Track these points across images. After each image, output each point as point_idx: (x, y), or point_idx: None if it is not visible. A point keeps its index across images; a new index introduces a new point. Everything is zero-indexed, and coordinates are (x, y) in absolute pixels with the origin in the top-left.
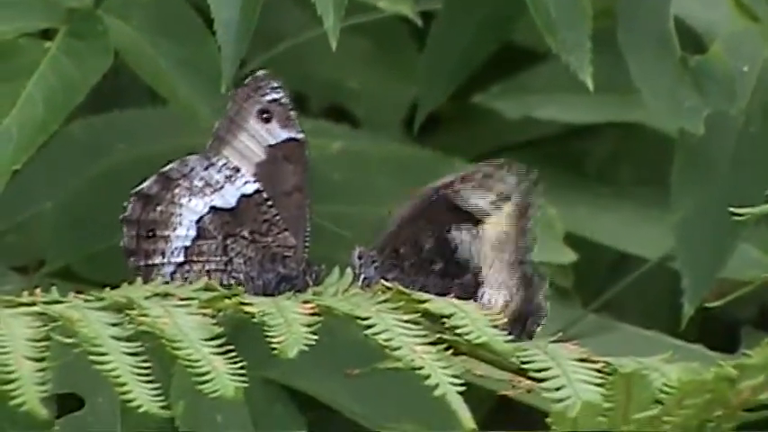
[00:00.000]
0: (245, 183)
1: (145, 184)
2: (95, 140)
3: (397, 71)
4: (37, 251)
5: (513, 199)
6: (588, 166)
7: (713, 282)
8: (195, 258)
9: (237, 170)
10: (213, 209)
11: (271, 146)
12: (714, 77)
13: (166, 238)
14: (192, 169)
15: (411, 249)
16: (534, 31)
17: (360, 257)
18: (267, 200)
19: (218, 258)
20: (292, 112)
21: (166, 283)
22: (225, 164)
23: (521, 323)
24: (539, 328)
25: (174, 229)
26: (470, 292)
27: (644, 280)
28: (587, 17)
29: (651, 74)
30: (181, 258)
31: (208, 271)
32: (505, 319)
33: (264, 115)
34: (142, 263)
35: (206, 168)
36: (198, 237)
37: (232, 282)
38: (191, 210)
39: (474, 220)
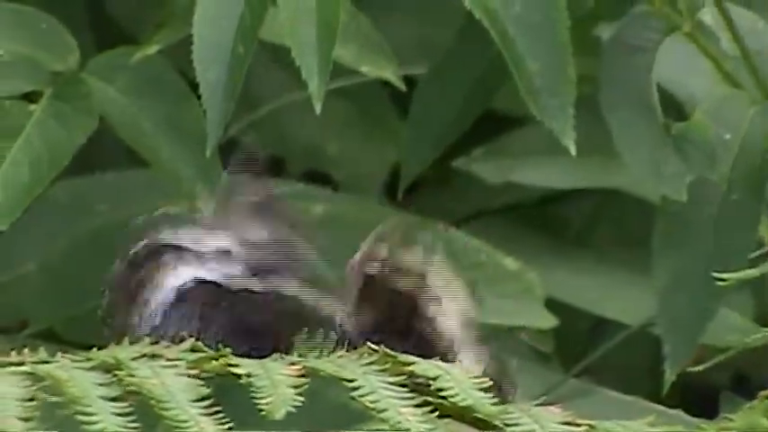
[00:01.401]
0: (234, 261)
1: (133, 249)
2: (78, 202)
3: (377, 134)
4: (20, 312)
5: (431, 270)
6: (568, 230)
7: (695, 348)
8: (170, 322)
9: (228, 251)
10: (197, 279)
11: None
12: (696, 144)
13: (146, 301)
14: (183, 239)
15: (388, 320)
16: (513, 95)
17: (341, 325)
18: (253, 276)
19: (192, 325)
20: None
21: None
22: (217, 241)
23: (496, 388)
24: (515, 394)
25: (155, 293)
26: (449, 359)
27: (624, 345)
28: (571, 84)
29: (633, 139)
30: (157, 321)
31: (181, 338)
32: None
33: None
34: (120, 323)
35: (198, 241)
36: (177, 301)
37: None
38: (174, 276)
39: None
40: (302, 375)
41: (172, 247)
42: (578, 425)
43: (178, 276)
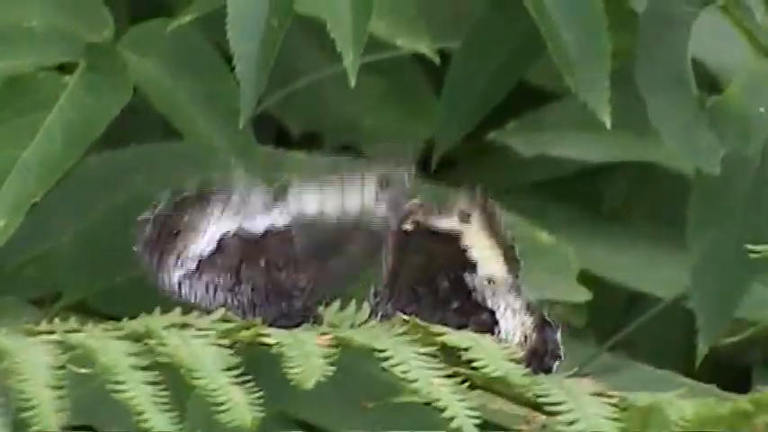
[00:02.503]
0: (279, 215)
1: (185, 187)
2: (112, 174)
3: (411, 109)
4: (53, 284)
5: (473, 215)
6: (602, 204)
7: (728, 322)
8: (207, 270)
9: (276, 200)
10: (240, 230)
11: (368, 211)
12: (730, 118)
13: (186, 243)
14: (233, 186)
15: (427, 288)
16: (547, 69)
17: (376, 295)
18: (293, 238)
19: (228, 277)
20: (405, 201)
21: (172, 286)
22: (266, 191)
23: (537, 360)
24: (556, 365)
25: (197, 237)
26: (487, 328)
27: (657, 319)
28: (606, 56)
29: (668, 113)
30: (193, 267)
31: (215, 286)
32: (522, 353)
33: (383, 183)
34: (156, 258)
35: (247, 189)
36: (216, 251)
37: (236, 304)
38: (218, 224)
39: (455, 241)
40: (333, 346)
41: (221, 193)
42: (610, 396)
43: (221, 225)
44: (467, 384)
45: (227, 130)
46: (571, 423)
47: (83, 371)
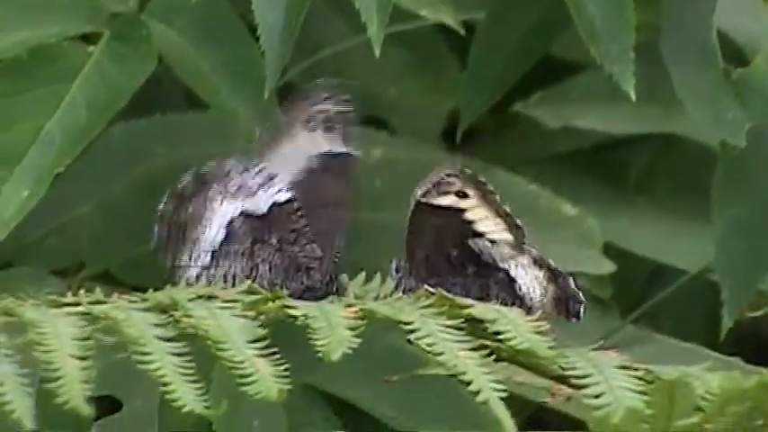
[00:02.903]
0: (279, 191)
1: (180, 184)
2: (136, 144)
3: (435, 81)
4: (77, 254)
5: (469, 192)
6: (627, 176)
7: (752, 294)
8: (221, 262)
9: (272, 178)
10: (244, 213)
11: (317, 156)
12: (756, 90)
13: (195, 240)
14: (227, 172)
15: (440, 257)
16: (572, 41)
17: (397, 270)
18: (298, 210)
19: (243, 263)
20: (351, 128)
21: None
22: (260, 170)
23: (563, 306)
24: (582, 308)
25: (204, 230)
26: (507, 285)
27: (682, 292)
28: (631, 28)
29: (693, 85)
30: (207, 261)
31: (233, 275)
32: (548, 309)
33: (327, 124)
34: (169, 263)
35: (242, 173)
36: (226, 240)
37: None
38: (221, 212)
39: (459, 213)
40: (359, 318)
41: (217, 178)
42: (636, 369)
43: (225, 213)
44: (492, 357)
45: (251, 100)
46: (597, 396)
47: (109, 341)
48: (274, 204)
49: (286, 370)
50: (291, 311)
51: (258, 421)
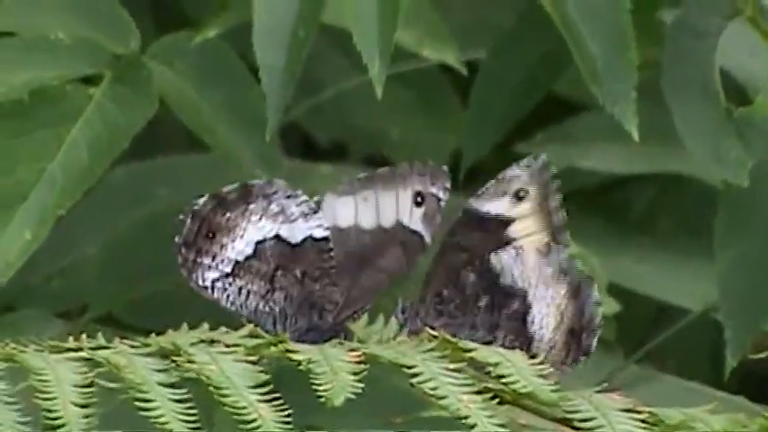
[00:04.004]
0: (318, 225)
1: (225, 189)
2: (138, 186)
3: (438, 120)
4: (80, 297)
5: (531, 191)
6: (630, 215)
7: (756, 333)
8: (241, 275)
9: (315, 211)
10: (277, 237)
11: (402, 225)
12: (758, 129)
13: (223, 245)
14: (274, 192)
15: (454, 290)
16: (575, 80)
17: (403, 312)
18: (331, 249)
19: (262, 284)
20: (440, 217)
21: (205, 288)
22: (306, 200)
23: (576, 339)
24: (594, 341)
25: (234, 239)
26: (519, 319)
27: (685, 331)
28: (633, 67)
29: (695, 124)
30: (228, 269)
31: (248, 291)
32: (559, 342)
33: (419, 199)
34: (192, 257)
35: (288, 197)
36: (252, 256)
37: (267, 311)
38: (257, 229)
39: (502, 230)
40: (362, 362)
41: (263, 194)
42: (639, 412)
43: (261, 229)
44: (496, 400)
45: (252, 141)
46: None
47: (111, 386)
48: (310, 237)
49: (289, 415)
50: (294, 356)
51: None
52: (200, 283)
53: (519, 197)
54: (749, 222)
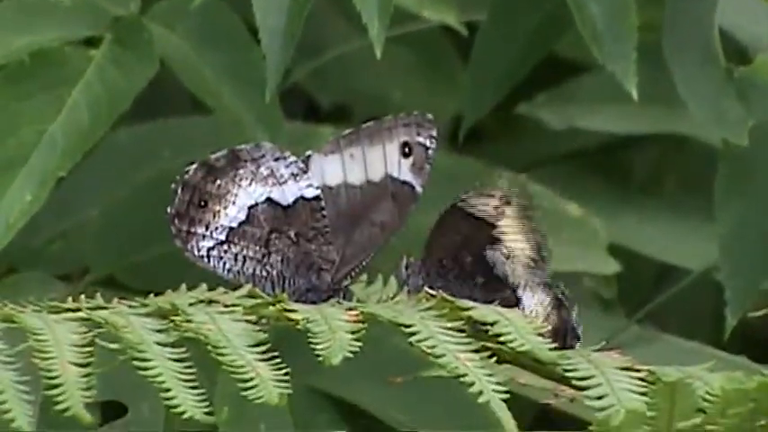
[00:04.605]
0: (308, 185)
1: (213, 155)
2: (140, 148)
3: (440, 82)
4: (81, 259)
5: (513, 202)
6: (632, 176)
7: (756, 293)
8: (236, 241)
9: (305, 171)
10: (269, 200)
11: (392, 177)
12: (759, 88)
13: (216, 213)
14: (262, 155)
15: (453, 262)
16: (576, 41)
17: (407, 267)
18: (323, 209)
19: (257, 248)
20: (428, 166)
21: (201, 257)
22: (294, 161)
23: (561, 339)
24: (578, 344)
25: (226, 206)
26: (512, 304)
27: (687, 291)
28: (633, 28)
29: (696, 84)
30: (223, 237)
31: (245, 257)
32: (548, 327)
33: (406, 149)
34: (185, 228)
35: (276, 159)
36: (246, 221)
37: (264, 275)
38: (248, 194)
39: (491, 227)
40: (360, 321)
41: (252, 158)
42: (638, 370)
43: (251, 194)
44: (494, 359)
45: (253, 103)
46: (599, 397)
47: (112, 346)
48: (301, 198)
49: (287, 374)
50: (292, 315)
51: (264, 424)
52: (196, 253)
53: (505, 203)
54: (749, 182)
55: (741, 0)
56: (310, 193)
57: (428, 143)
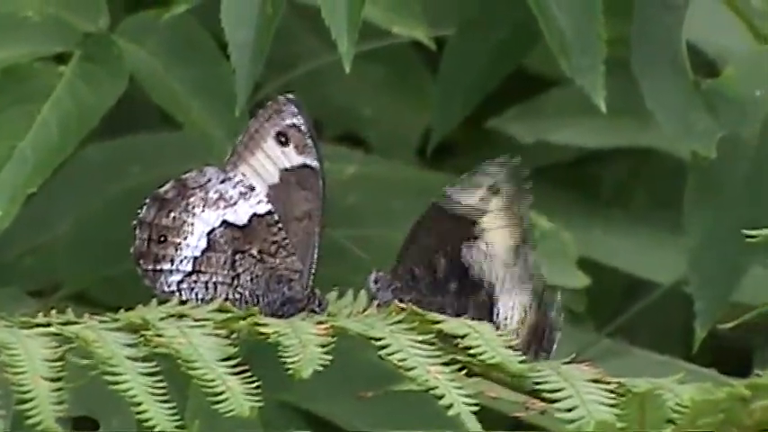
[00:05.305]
0: (259, 202)
1: (162, 189)
2: (110, 164)
3: (410, 97)
4: (52, 275)
5: (501, 190)
6: (602, 190)
7: (726, 305)
8: (203, 269)
9: (252, 188)
10: (225, 223)
11: (286, 169)
12: (726, 101)
13: (177, 246)
14: (208, 180)
15: (426, 270)
16: (546, 56)
17: (376, 281)
18: (278, 222)
19: (225, 272)
20: (310, 140)
21: (172, 292)
22: (240, 180)
23: (537, 337)
24: (556, 341)
25: (186, 237)
26: (486, 309)
27: (657, 304)
28: (601, 41)
29: (664, 97)
30: (189, 268)
31: (215, 283)
32: (521, 337)
33: (282, 138)
34: (150, 267)
35: (222, 182)
36: (208, 248)
37: (237, 297)
38: (203, 220)
39: (472, 225)
40: (330, 335)
41: (198, 184)
42: (608, 382)
43: (207, 220)
44: (464, 372)
45: (223, 118)
46: (569, 410)
47: (83, 361)
48: (254, 215)
49: (258, 387)
50: (263, 329)
51: None
52: (166, 289)
53: (493, 192)
54: (717, 194)
55: (709, 13)
56: (262, 208)
57: (296, 121)
